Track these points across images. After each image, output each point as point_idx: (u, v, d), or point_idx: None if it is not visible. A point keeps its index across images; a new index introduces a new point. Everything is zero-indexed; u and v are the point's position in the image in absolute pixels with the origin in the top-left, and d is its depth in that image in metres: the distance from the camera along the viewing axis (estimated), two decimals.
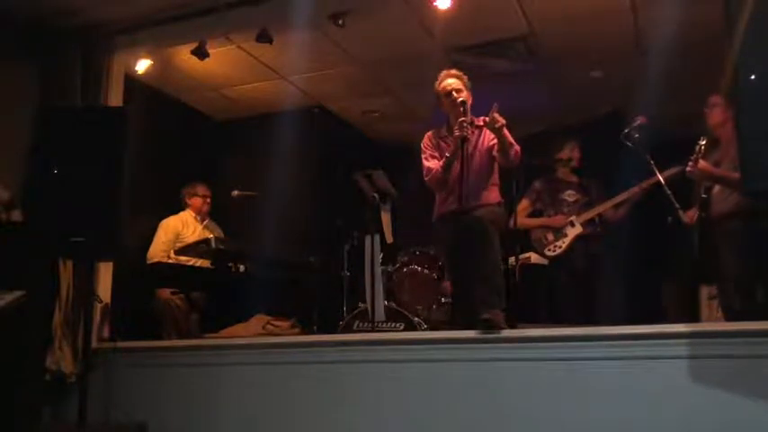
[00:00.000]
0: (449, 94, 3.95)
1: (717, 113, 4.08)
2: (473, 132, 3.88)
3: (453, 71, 4.04)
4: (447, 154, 3.91)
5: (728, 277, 3.88)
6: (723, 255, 3.89)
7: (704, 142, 3.85)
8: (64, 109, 4.20)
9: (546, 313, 4.70)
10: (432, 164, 4.02)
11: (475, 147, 3.97)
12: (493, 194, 4.01)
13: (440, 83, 4.02)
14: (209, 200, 5.60)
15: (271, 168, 5.54)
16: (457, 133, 3.77)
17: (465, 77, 4.02)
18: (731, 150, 3.91)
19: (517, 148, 3.83)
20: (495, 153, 3.94)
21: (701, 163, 3.84)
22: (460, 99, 3.88)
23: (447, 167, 3.90)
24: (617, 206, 4.69)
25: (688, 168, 3.90)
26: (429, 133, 4.16)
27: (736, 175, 3.74)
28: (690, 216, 4.10)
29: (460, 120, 3.78)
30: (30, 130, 4.16)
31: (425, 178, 4.05)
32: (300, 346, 3.89)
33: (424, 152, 4.10)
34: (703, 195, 3.92)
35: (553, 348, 3.26)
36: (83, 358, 3.82)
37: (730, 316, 3.77)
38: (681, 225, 4.10)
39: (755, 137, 2.59)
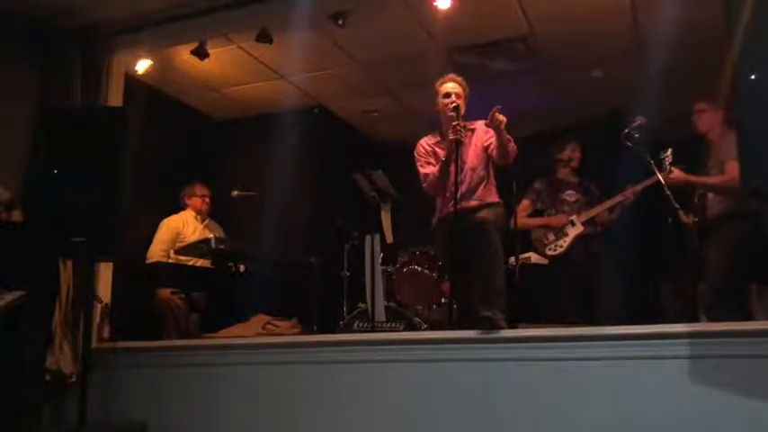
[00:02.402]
0: (447, 95, 4.01)
1: (705, 119, 4.20)
2: (466, 135, 3.93)
3: (458, 78, 4.09)
4: (443, 158, 3.96)
5: (710, 279, 3.93)
6: (709, 256, 3.95)
7: (669, 153, 4.01)
8: (64, 109, 4.21)
9: (546, 313, 4.70)
10: (428, 170, 4.08)
11: (468, 148, 4.02)
12: (491, 194, 4.05)
13: (441, 83, 4.08)
14: (207, 199, 5.59)
15: (271, 168, 5.54)
16: (451, 137, 3.82)
17: (467, 87, 4.08)
18: (720, 153, 4.01)
19: (514, 145, 3.87)
20: (491, 151, 3.97)
21: (675, 172, 3.97)
22: (454, 104, 3.93)
23: (443, 171, 3.95)
24: (610, 209, 4.70)
25: (662, 179, 4.00)
26: (422, 141, 4.21)
27: (714, 179, 3.91)
28: (689, 217, 4.12)
29: (454, 123, 3.83)
30: (30, 130, 4.17)
31: (423, 185, 4.11)
32: (300, 346, 3.88)
33: (419, 159, 4.16)
34: (696, 201, 3.96)
35: (553, 348, 3.26)
36: (83, 358, 3.82)
37: (711, 317, 3.79)
38: (681, 225, 4.10)
39: (755, 137, 2.59)
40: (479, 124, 4.05)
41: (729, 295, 3.87)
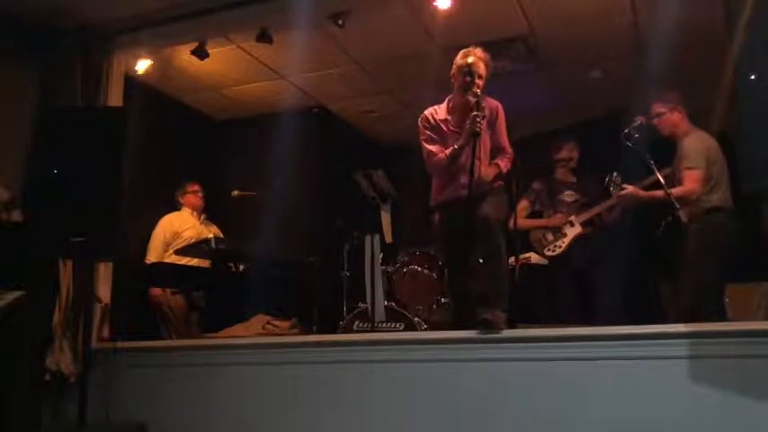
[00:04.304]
0: (469, 73, 3.78)
1: (665, 121, 4.22)
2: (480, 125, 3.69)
3: (484, 54, 3.85)
4: (455, 146, 3.76)
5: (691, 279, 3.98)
6: (686, 258, 4.00)
7: (616, 174, 4.15)
8: (64, 109, 4.21)
9: (546, 313, 4.70)
10: (434, 148, 3.87)
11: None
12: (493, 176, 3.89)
13: (465, 54, 3.85)
14: (200, 194, 5.61)
15: (271, 168, 5.54)
16: (469, 128, 3.64)
17: (489, 65, 3.84)
18: (680, 158, 4.09)
19: (506, 162, 3.85)
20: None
21: (629, 189, 4.12)
22: (476, 90, 3.73)
23: (454, 159, 3.78)
24: (611, 208, 4.69)
25: (617, 196, 4.18)
26: (428, 112, 3.98)
27: (659, 193, 3.97)
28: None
29: (474, 114, 3.64)
30: (30, 130, 4.17)
31: (426, 161, 3.91)
32: (300, 346, 3.88)
33: (423, 132, 3.94)
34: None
35: (553, 348, 3.26)
36: (83, 358, 3.82)
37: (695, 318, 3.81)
38: (680, 225, 4.10)
39: (755, 137, 2.60)
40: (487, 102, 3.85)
41: (711, 295, 3.90)
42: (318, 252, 5.25)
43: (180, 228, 5.40)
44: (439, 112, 3.98)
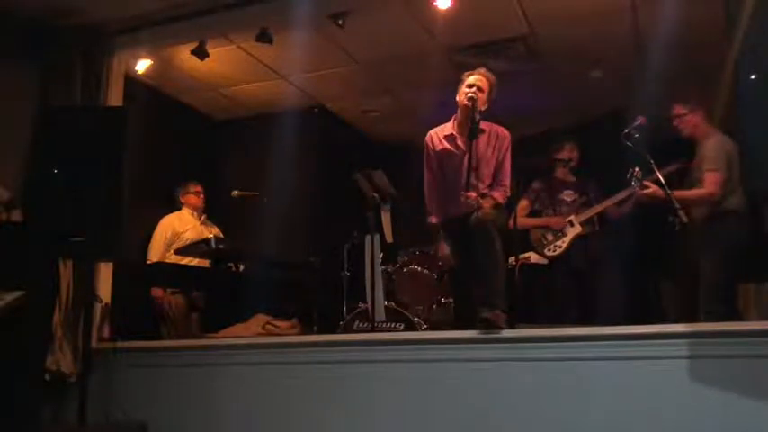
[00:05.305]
0: (470, 85, 3.91)
1: (687, 122, 4.26)
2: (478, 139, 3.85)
3: (487, 72, 3.98)
4: (453, 153, 3.85)
5: (705, 280, 3.99)
6: (700, 258, 4.02)
7: (637, 170, 4.15)
8: (64, 109, 4.20)
9: (546, 313, 4.70)
10: (429, 178, 4.06)
11: (478, 149, 3.91)
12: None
13: (468, 74, 3.98)
14: (202, 195, 5.62)
15: (270, 168, 5.54)
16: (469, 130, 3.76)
17: (494, 84, 3.96)
18: (701, 160, 4.12)
19: (501, 194, 3.93)
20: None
21: (652, 188, 4.08)
22: (470, 95, 3.84)
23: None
24: (620, 203, 4.68)
25: (638, 193, 4.18)
26: (434, 133, 4.09)
27: (688, 193, 4.04)
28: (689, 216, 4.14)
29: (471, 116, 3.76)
30: (30, 130, 4.17)
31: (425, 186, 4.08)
32: (300, 346, 3.89)
33: (426, 154, 4.09)
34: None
35: (553, 348, 3.26)
36: (83, 358, 3.82)
37: (708, 318, 3.82)
38: (681, 225, 4.10)
39: (755, 136, 2.60)
40: (491, 128, 3.97)
41: (724, 295, 3.90)
42: (318, 252, 5.25)
43: (180, 229, 5.41)
44: (445, 129, 4.07)
